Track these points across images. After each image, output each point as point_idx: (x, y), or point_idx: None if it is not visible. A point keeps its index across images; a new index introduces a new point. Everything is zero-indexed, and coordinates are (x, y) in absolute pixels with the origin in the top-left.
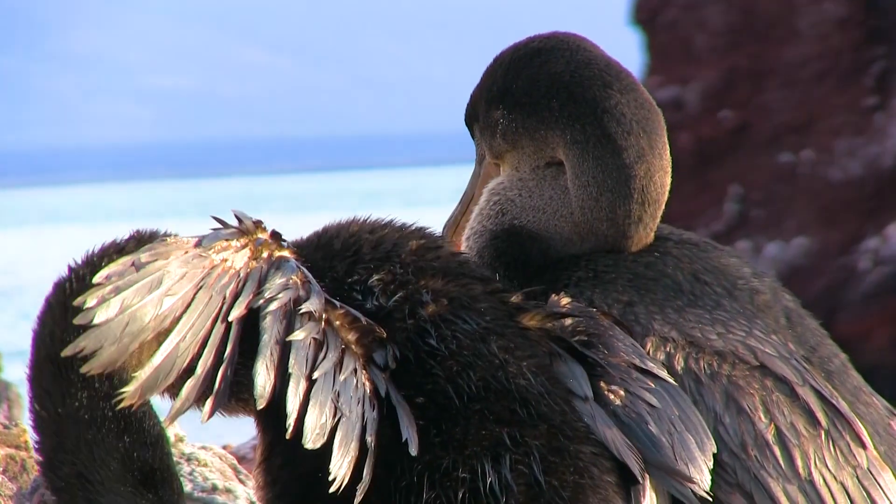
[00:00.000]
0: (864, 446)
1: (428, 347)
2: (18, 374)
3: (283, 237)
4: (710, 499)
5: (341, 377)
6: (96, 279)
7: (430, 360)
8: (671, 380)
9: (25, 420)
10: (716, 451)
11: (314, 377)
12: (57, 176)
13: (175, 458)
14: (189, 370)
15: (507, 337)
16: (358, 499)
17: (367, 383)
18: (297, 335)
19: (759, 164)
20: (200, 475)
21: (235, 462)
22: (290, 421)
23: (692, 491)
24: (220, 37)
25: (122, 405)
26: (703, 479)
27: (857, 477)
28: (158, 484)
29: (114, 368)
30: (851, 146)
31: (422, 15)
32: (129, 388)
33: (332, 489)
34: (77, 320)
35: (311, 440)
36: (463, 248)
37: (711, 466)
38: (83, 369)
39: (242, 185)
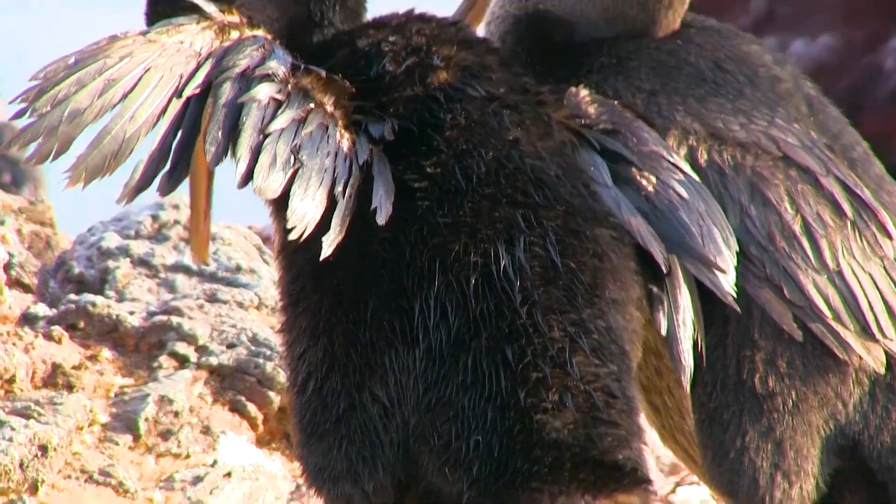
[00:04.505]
0: (889, 237)
1: (434, 120)
2: None
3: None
4: (736, 294)
5: (305, 130)
6: (30, 78)
7: (435, 136)
8: (695, 176)
9: (51, 197)
10: (738, 250)
11: (269, 131)
12: None
13: None
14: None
15: (523, 112)
16: (326, 251)
17: (345, 142)
18: (252, 94)
19: None
20: (224, 254)
21: (260, 242)
22: (239, 171)
23: (721, 281)
24: None
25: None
26: (730, 271)
27: (885, 268)
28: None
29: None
30: None
31: None
32: (70, 171)
33: (290, 237)
34: (10, 118)
35: (260, 186)
36: (483, 33)
37: (736, 263)
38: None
39: None
